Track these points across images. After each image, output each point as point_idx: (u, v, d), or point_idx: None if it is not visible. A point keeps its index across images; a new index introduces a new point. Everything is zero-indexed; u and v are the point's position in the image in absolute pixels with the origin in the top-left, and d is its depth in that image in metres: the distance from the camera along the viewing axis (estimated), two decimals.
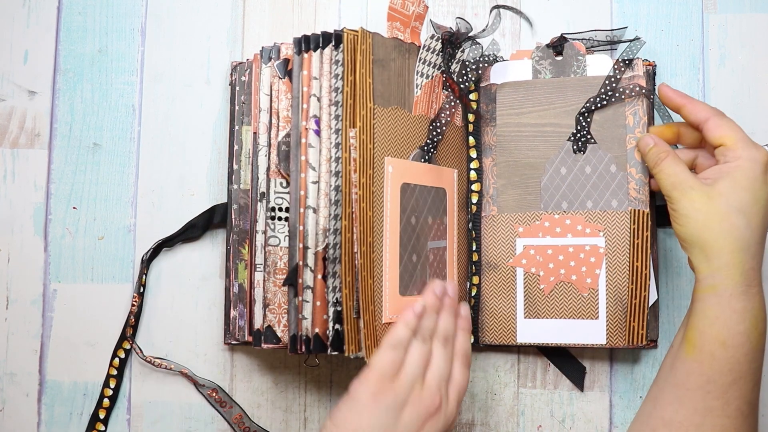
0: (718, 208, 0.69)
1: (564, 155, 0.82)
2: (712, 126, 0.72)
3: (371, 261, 0.72)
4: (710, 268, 0.68)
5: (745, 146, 0.71)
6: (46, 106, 0.88)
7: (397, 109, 0.76)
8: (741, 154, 0.70)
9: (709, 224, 0.68)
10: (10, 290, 0.87)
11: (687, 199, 0.70)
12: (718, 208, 0.69)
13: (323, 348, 0.73)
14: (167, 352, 0.86)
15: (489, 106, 0.84)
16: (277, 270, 0.77)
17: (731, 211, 0.68)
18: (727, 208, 0.69)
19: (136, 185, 0.88)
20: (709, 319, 0.67)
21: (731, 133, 0.71)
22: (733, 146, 0.71)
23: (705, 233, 0.68)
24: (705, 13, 0.85)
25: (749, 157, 0.70)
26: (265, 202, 0.78)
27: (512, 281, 0.82)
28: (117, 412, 0.86)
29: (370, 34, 0.74)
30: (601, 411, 0.84)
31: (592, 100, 0.81)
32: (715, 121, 0.72)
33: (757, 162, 0.70)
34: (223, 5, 0.89)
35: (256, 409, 0.86)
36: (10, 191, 0.87)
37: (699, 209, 0.69)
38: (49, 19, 0.89)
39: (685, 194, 0.70)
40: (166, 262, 0.87)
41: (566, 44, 0.82)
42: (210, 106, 0.88)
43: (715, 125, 0.72)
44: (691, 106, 0.74)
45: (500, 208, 0.83)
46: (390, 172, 0.74)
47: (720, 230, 0.68)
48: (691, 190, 0.70)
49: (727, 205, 0.69)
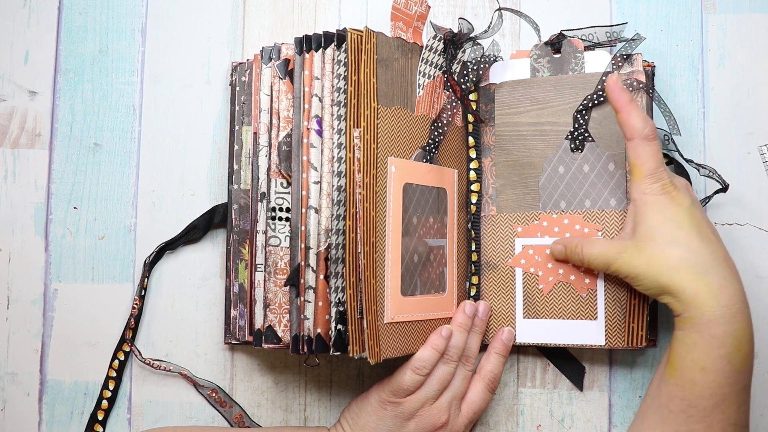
0: (653, 253, 0.69)
1: (562, 154, 0.82)
2: (629, 149, 0.72)
3: (374, 261, 0.72)
4: (682, 304, 0.67)
5: (647, 180, 0.70)
6: (47, 106, 0.88)
7: (399, 109, 0.76)
8: (644, 189, 0.70)
9: (656, 271, 0.68)
10: (11, 290, 0.87)
11: (624, 265, 0.70)
12: (652, 252, 0.69)
13: (325, 348, 0.73)
14: (167, 351, 0.86)
15: (488, 106, 0.84)
16: (277, 270, 0.77)
17: (665, 248, 0.68)
18: (660, 247, 0.68)
19: (136, 185, 0.88)
20: (687, 346, 0.67)
21: (639, 163, 0.71)
22: (639, 180, 0.71)
23: (659, 280, 0.68)
24: (704, 14, 0.86)
25: (652, 191, 0.70)
26: (266, 202, 0.78)
27: (511, 281, 0.83)
28: (117, 411, 0.86)
29: (374, 34, 0.74)
30: (600, 411, 0.84)
31: (590, 97, 0.80)
32: (634, 145, 0.71)
33: (659, 193, 0.70)
34: (223, 5, 0.89)
35: (257, 409, 0.86)
36: (11, 191, 0.87)
37: (638, 265, 0.69)
38: (49, 20, 0.89)
39: (619, 262, 0.71)
40: (167, 263, 0.87)
41: (564, 41, 0.82)
42: (210, 107, 0.88)
43: (631, 149, 0.72)
44: (625, 116, 0.72)
45: (499, 208, 0.83)
46: (393, 172, 0.75)
47: (669, 270, 0.68)
48: (621, 255, 0.71)
49: (658, 245, 0.69)
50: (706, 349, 0.66)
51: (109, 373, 0.86)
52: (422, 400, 0.75)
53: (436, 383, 0.76)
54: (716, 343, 0.66)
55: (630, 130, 0.72)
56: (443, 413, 0.76)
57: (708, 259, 0.67)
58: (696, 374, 0.66)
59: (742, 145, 0.84)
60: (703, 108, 0.85)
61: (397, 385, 0.75)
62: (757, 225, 0.83)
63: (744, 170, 0.84)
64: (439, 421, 0.76)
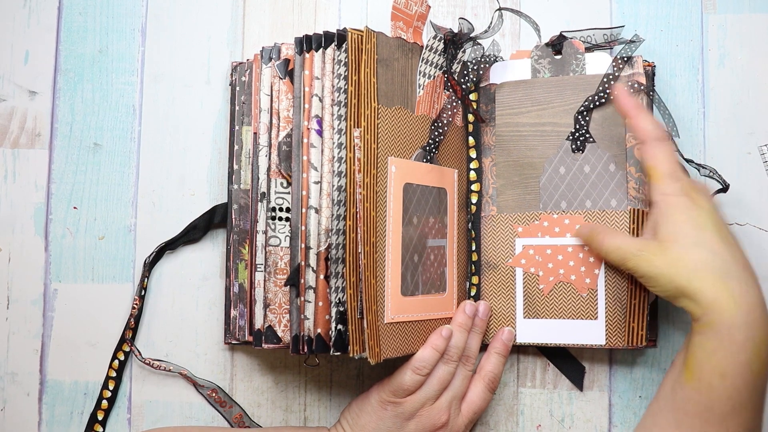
0: (676, 255, 0.67)
1: (563, 154, 0.82)
2: (644, 152, 0.72)
3: (374, 261, 0.72)
4: (701, 308, 0.65)
5: (667, 180, 0.70)
6: (47, 106, 0.88)
7: (400, 109, 0.76)
8: (665, 189, 0.70)
9: (676, 273, 0.67)
10: (11, 290, 0.87)
11: (643, 263, 0.69)
12: (676, 254, 0.67)
13: (325, 348, 0.73)
14: (167, 351, 0.86)
15: (488, 106, 0.84)
16: (277, 270, 0.77)
17: (688, 250, 0.67)
18: (683, 249, 0.67)
19: (136, 185, 0.88)
20: (707, 352, 0.65)
21: (656, 164, 0.71)
22: (657, 182, 0.70)
23: (678, 282, 0.67)
24: (704, 14, 0.86)
25: (673, 191, 0.69)
26: (266, 202, 0.78)
27: (511, 281, 0.83)
28: (117, 411, 0.86)
29: (375, 34, 0.74)
30: (600, 411, 0.84)
31: (591, 98, 0.81)
32: (647, 147, 0.71)
33: (680, 194, 0.69)
34: (223, 5, 0.89)
35: (257, 409, 0.86)
36: (11, 191, 0.87)
37: (659, 265, 0.68)
38: (49, 20, 0.89)
39: (636, 260, 0.70)
40: (167, 263, 0.87)
41: (565, 43, 0.82)
42: (210, 106, 0.88)
43: (646, 151, 0.71)
44: (635, 121, 0.73)
45: (500, 208, 0.83)
46: (393, 172, 0.75)
47: (689, 272, 0.66)
48: (641, 253, 0.70)
49: (681, 246, 0.67)
50: (726, 355, 0.64)
51: (109, 373, 0.86)
52: (422, 400, 0.75)
53: (437, 383, 0.76)
54: (737, 349, 0.64)
55: (642, 132, 0.72)
56: (443, 413, 0.76)
57: (730, 263, 0.66)
58: (715, 379, 0.65)
59: (742, 145, 0.84)
60: (703, 108, 0.85)
61: (397, 385, 0.75)
62: (757, 225, 0.83)
63: (744, 170, 0.84)
64: (439, 421, 0.76)
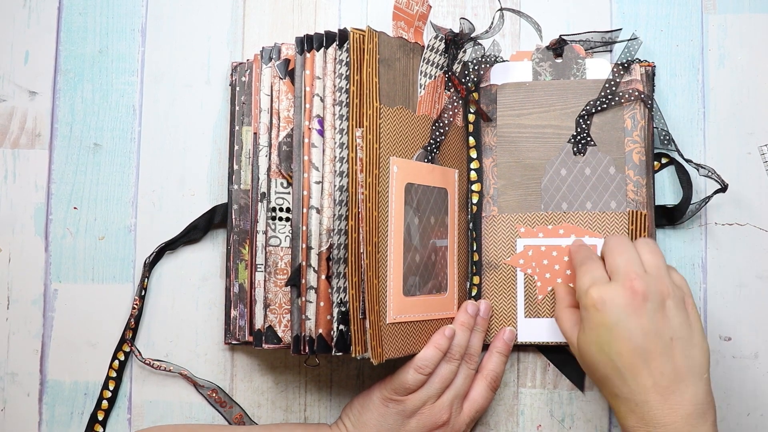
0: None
1: (564, 157, 0.82)
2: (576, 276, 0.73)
3: (376, 261, 0.72)
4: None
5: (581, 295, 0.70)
6: (47, 106, 0.88)
7: (401, 109, 0.76)
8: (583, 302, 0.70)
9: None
10: (11, 290, 0.86)
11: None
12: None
13: (327, 348, 0.73)
14: (168, 351, 0.86)
15: (489, 107, 0.84)
16: (278, 270, 0.77)
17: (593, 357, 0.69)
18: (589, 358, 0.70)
19: (136, 185, 0.88)
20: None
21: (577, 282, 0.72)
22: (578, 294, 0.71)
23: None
24: (704, 14, 0.86)
25: (583, 305, 0.69)
26: (266, 202, 0.78)
27: (512, 281, 0.83)
28: (118, 411, 0.86)
29: (377, 34, 0.75)
30: (600, 411, 0.84)
31: (592, 103, 0.81)
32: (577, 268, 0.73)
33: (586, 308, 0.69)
34: (223, 5, 0.89)
35: (257, 409, 0.86)
36: (11, 191, 0.87)
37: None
38: (49, 20, 0.89)
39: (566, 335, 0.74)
40: (167, 263, 0.87)
41: (566, 47, 0.83)
42: (210, 107, 0.88)
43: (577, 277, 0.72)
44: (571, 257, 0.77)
45: (501, 208, 0.84)
46: (395, 172, 0.75)
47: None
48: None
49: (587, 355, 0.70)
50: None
51: (109, 373, 0.85)
52: (424, 398, 0.76)
53: (439, 382, 0.76)
54: None
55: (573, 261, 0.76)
56: (445, 412, 0.76)
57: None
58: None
59: (742, 145, 0.84)
60: (703, 108, 0.85)
61: (399, 384, 0.75)
62: (757, 225, 0.83)
63: (744, 170, 0.84)
64: (441, 419, 0.76)
